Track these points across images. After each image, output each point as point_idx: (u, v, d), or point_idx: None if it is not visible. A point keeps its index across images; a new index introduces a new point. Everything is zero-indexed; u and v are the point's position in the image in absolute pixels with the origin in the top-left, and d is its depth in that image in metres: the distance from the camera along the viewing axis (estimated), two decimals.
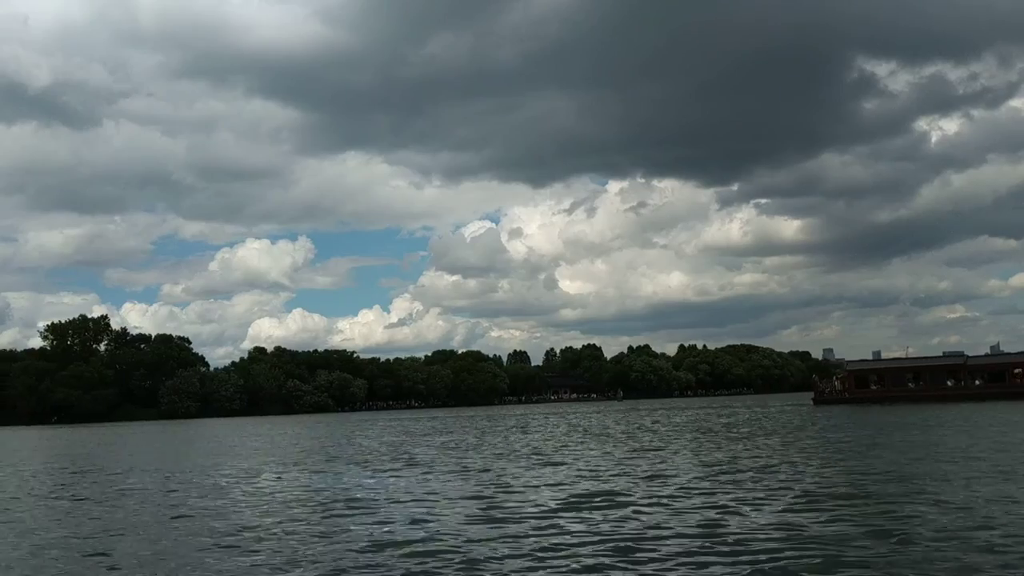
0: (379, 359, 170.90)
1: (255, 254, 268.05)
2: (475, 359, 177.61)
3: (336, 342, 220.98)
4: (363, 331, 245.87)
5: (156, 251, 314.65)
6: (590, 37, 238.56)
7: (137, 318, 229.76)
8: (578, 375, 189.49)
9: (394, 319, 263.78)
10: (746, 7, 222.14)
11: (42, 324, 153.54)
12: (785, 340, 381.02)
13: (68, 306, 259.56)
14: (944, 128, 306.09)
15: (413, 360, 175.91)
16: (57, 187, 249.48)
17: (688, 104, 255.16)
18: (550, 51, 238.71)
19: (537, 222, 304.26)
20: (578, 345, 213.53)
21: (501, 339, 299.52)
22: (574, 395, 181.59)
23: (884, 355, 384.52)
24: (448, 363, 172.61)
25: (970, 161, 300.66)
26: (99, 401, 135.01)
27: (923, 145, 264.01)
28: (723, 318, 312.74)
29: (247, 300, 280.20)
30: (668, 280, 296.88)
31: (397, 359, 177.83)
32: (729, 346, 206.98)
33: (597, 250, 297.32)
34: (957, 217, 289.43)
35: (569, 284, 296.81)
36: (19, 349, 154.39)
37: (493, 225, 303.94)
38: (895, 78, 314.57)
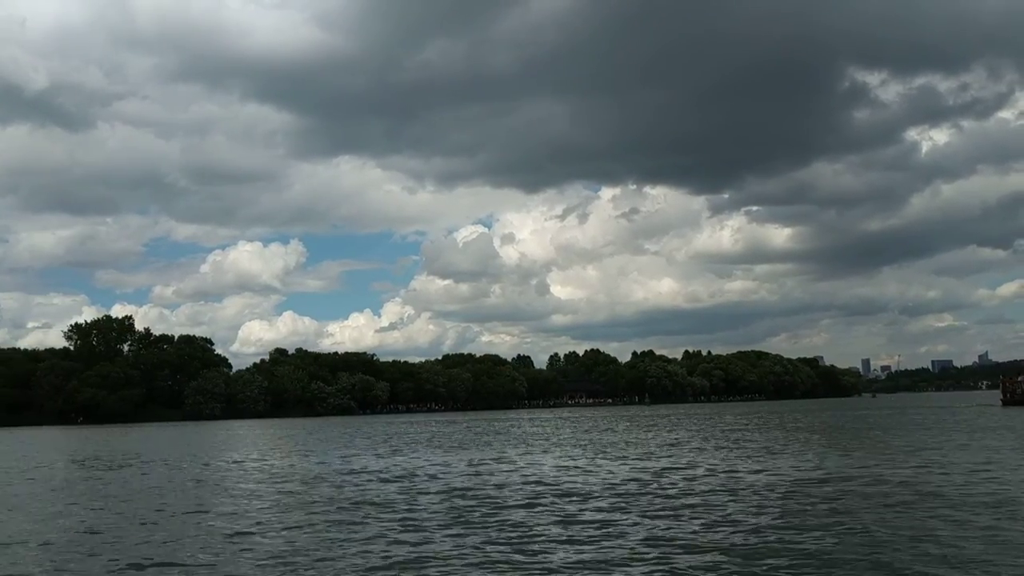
0: (400, 361, 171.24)
1: (247, 257, 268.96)
2: (493, 362, 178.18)
3: (326, 345, 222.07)
4: (353, 335, 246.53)
5: (148, 253, 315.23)
6: (586, 45, 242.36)
7: None
8: (593, 380, 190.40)
9: (385, 323, 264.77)
10: (740, 18, 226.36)
11: (66, 324, 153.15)
12: (774, 347, 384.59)
13: (57, 307, 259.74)
14: (935, 138, 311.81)
15: (432, 363, 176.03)
16: (50, 188, 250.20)
17: (682, 112, 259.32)
18: (546, 58, 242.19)
19: (530, 227, 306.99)
20: (569, 351, 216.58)
21: (492, 344, 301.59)
22: (590, 400, 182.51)
23: (873, 363, 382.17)
24: (466, 366, 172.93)
25: (960, 171, 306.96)
26: (125, 401, 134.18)
27: (914, 155, 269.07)
28: (713, 325, 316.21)
29: (238, 303, 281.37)
30: (659, 286, 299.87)
31: (409, 362, 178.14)
32: (739, 352, 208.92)
33: (589, 256, 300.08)
34: (946, 227, 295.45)
35: (560, 289, 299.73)
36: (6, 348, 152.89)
37: (486, 230, 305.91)
38: (886, 88, 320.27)
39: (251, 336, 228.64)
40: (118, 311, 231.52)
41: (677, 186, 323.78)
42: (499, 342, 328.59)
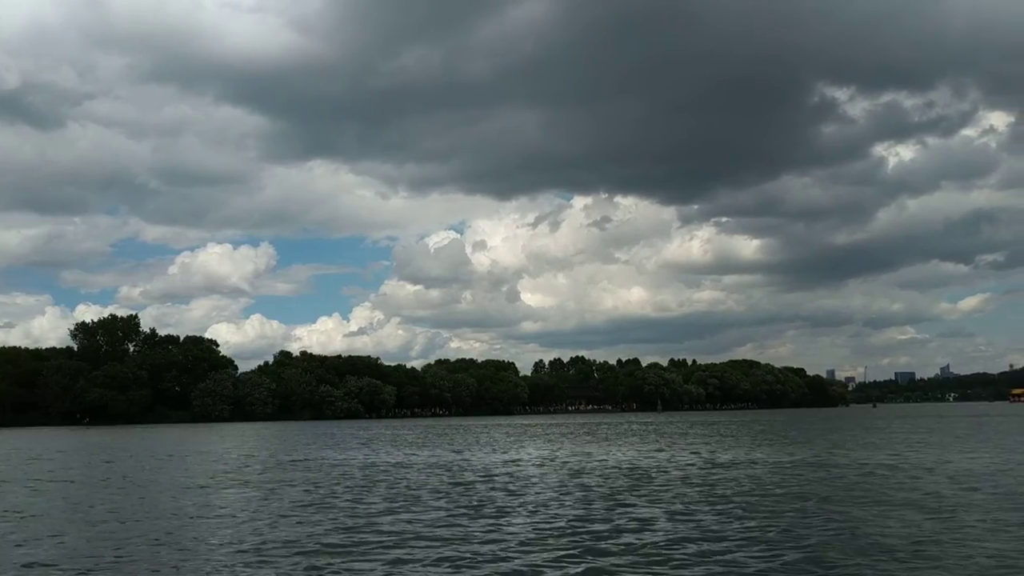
0: (405, 366, 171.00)
1: (216, 259, 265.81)
2: (496, 368, 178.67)
3: (293, 349, 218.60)
4: (321, 339, 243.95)
5: (115, 253, 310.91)
6: (561, 55, 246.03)
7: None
8: (592, 386, 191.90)
9: (353, 327, 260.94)
10: (712, 33, 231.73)
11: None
12: (740, 356, 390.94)
13: (20, 306, 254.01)
14: (901, 154, 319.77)
15: (436, 367, 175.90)
16: (18, 187, 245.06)
17: (654, 124, 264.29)
18: (521, 67, 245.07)
19: (501, 234, 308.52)
20: (539, 358, 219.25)
21: (460, 350, 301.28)
22: (590, 406, 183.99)
23: (837, 374, 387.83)
24: (469, 371, 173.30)
25: (924, 187, 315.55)
26: (133, 402, 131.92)
27: (880, 170, 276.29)
28: (681, 334, 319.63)
29: (205, 305, 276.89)
30: (628, 295, 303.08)
31: (415, 367, 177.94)
32: (731, 361, 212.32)
33: (560, 264, 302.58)
34: (910, 241, 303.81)
35: (531, 297, 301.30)
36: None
37: (457, 236, 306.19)
38: (854, 104, 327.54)
39: (217, 339, 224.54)
40: (82, 312, 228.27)
41: (648, 196, 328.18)
42: (468, 348, 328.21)
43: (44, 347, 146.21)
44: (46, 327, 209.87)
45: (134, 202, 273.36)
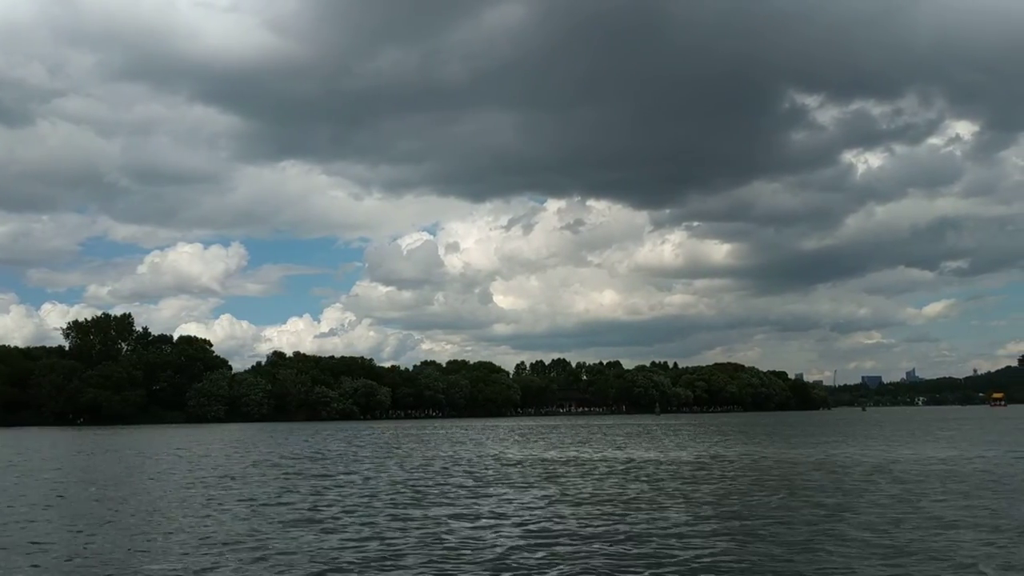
0: (399, 367, 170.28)
1: (186, 258, 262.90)
2: (489, 370, 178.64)
3: (263, 350, 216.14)
4: (291, 340, 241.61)
5: (83, 252, 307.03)
6: (535, 60, 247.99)
7: (57, 319, 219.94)
8: (581, 388, 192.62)
9: (324, 328, 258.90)
10: (685, 42, 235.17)
11: (64, 321, 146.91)
12: (709, 360, 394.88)
13: None
14: (869, 161, 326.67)
15: (431, 369, 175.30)
16: None
17: (627, 129, 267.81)
18: (496, 71, 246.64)
19: (475, 237, 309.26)
20: (519, 360, 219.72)
21: (432, 352, 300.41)
22: (581, 408, 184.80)
23: (806, 378, 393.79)
24: (462, 372, 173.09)
25: (892, 194, 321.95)
26: (128, 403, 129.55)
27: (849, 177, 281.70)
28: (650, 337, 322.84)
29: (174, 305, 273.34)
30: (600, 298, 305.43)
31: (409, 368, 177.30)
32: (717, 364, 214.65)
33: (532, 266, 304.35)
34: (878, 247, 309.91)
35: (503, 299, 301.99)
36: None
37: (430, 238, 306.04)
38: (823, 111, 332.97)
39: None
40: (48, 310, 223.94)
41: (621, 200, 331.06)
42: (440, 350, 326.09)
43: (6, 346, 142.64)
44: (10, 326, 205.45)
45: (103, 201, 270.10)
